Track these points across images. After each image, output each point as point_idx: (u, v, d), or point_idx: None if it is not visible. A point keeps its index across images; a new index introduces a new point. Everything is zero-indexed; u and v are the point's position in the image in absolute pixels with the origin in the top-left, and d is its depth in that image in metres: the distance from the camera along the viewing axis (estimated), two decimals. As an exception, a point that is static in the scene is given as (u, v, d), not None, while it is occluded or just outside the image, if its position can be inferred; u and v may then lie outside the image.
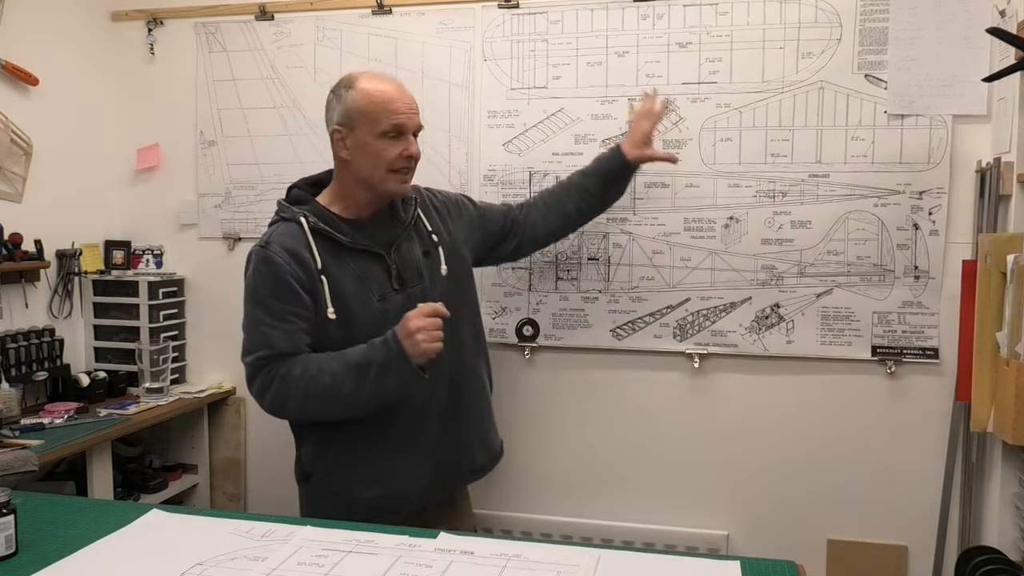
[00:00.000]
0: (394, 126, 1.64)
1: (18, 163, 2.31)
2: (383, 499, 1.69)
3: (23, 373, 2.29)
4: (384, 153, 1.64)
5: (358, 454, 1.69)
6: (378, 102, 1.64)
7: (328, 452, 1.70)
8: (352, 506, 1.62)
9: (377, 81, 1.68)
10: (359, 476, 1.69)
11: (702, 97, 2.20)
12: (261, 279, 1.63)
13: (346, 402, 1.59)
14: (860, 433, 2.18)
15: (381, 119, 1.63)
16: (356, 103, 1.64)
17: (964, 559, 1.93)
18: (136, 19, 2.61)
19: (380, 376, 1.57)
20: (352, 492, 1.68)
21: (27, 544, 1.22)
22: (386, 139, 1.64)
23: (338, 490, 1.69)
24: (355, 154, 1.66)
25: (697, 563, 1.22)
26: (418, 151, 1.70)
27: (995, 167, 1.96)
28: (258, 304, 1.62)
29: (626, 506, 2.33)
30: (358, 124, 1.64)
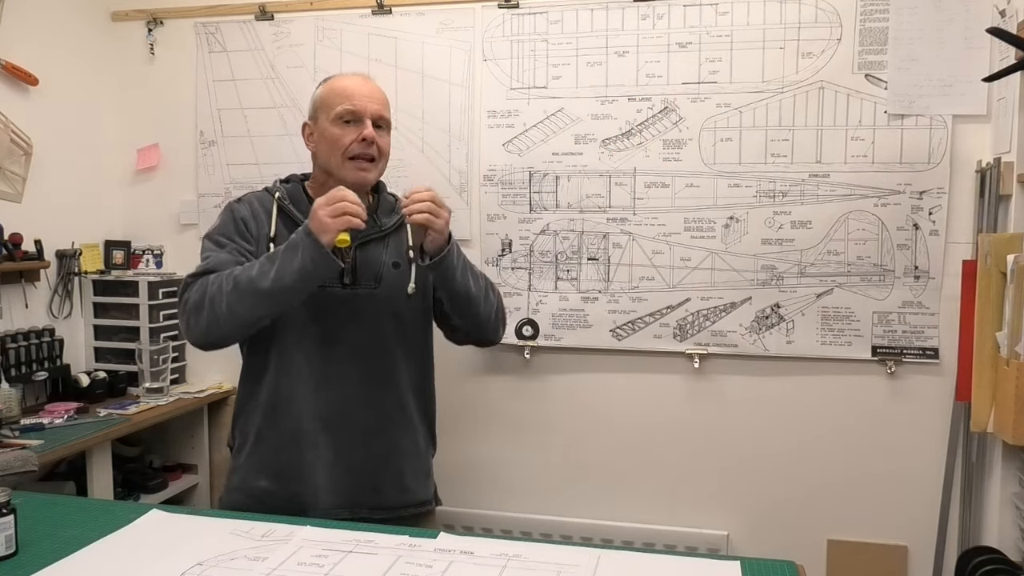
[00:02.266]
0: (347, 111, 1.62)
1: (18, 163, 2.31)
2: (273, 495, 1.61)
3: (23, 373, 2.29)
4: (339, 139, 1.61)
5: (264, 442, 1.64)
6: (335, 89, 1.66)
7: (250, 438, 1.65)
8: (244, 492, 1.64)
9: (342, 76, 1.71)
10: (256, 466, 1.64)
11: (702, 97, 2.20)
12: (220, 223, 1.66)
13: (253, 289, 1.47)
14: (860, 433, 2.18)
15: (335, 104, 1.63)
16: (319, 95, 1.68)
17: (964, 559, 1.93)
18: (136, 19, 2.61)
19: (288, 256, 1.48)
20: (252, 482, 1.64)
21: (27, 544, 1.22)
22: (340, 124, 1.62)
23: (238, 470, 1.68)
24: (319, 144, 1.67)
25: (697, 563, 1.21)
26: (372, 134, 1.62)
27: (995, 167, 1.96)
28: (211, 239, 1.63)
29: (626, 506, 2.33)
30: (319, 114, 1.66)
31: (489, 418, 2.41)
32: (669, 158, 2.22)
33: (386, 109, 1.69)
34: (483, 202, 2.36)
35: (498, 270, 2.35)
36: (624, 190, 2.26)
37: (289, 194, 1.68)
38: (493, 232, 2.36)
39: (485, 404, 2.41)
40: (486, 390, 2.40)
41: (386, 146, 1.68)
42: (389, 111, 1.70)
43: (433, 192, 1.55)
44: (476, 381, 2.38)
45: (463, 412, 2.41)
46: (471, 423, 2.42)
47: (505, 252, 2.35)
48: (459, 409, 2.39)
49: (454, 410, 2.39)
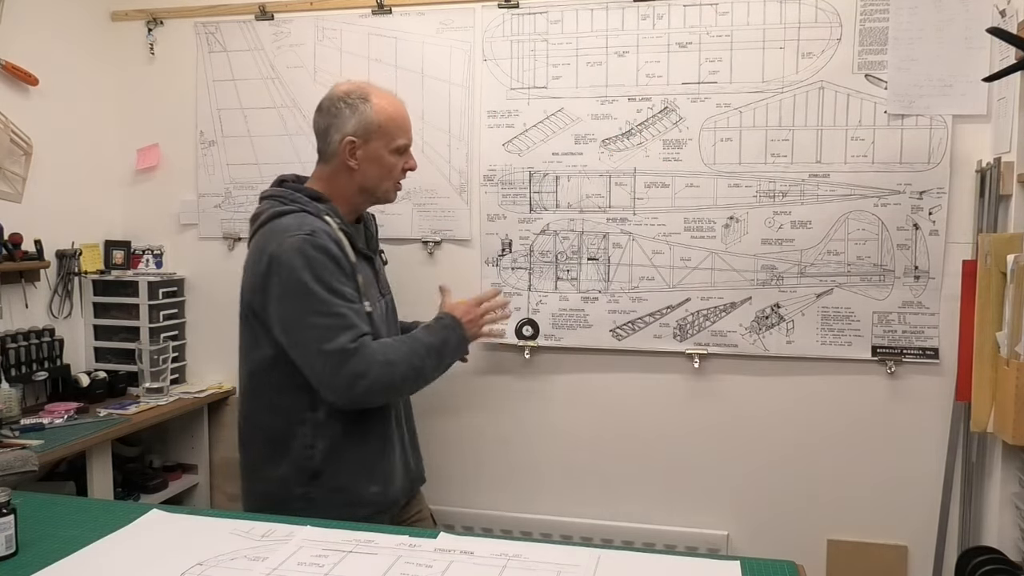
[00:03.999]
0: (405, 146, 1.79)
1: (18, 163, 2.31)
2: (381, 495, 1.74)
3: (23, 373, 2.29)
4: (395, 167, 1.78)
5: (362, 453, 1.72)
6: (394, 119, 1.76)
7: (338, 451, 1.69)
8: (356, 504, 1.67)
9: (390, 98, 1.79)
10: (363, 474, 1.72)
11: (702, 97, 2.20)
12: (322, 264, 1.61)
13: (422, 381, 1.74)
14: (860, 433, 2.18)
15: (396, 136, 1.76)
16: (372, 118, 1.73)
17: (964, 559, 1.93)
18: (136, 19, 2.61)
19: (450, 356, 1.78)
20: (357, 489, 1.71)
21: (27, 544, 1.22)
22: (396, 154, 1.77)
23: (345, 487, 1.70)
24: (364, 164, 1.74)
25: (697, 563, 1.21)
26: (416, 164, 1.85)
27: (995, 167, 1.96)
28: (327, 288, 1.60)
29: (626, 506, 2.33)
30: (374, 137, 1.73)
31: (489, 418, 2.41)
32: (669, 158, 2.22)
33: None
34: (483, 202, 2.36)
35: (498, 270, 2.35)
36: (624, 190, 2.26)
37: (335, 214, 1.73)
38: (493, 232, 2.36)
39: (485, 404, 2.41)
40: (486, 390, 2.40)
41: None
42: None
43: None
44: (476, 381, 2.38)
45: (463, 412, 2.41)
46: (471, 423, 2.42)
47: (505, 252, 2.35)
48: (459, 409, 2.39)
49: (454, 410, 2.39)
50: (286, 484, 1.69)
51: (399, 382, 1.66)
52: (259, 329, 1.68)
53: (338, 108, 1.73)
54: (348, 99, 1.73)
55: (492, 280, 2.35)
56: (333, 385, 1.60)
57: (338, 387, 1.60)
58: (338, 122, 1.73)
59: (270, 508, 1.63)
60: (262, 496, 1.73)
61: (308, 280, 1.58)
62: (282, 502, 1.65)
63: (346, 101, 1.73)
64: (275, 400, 1.69)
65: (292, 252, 1.60)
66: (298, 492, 1.68)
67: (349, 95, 1.74)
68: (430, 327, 1.77)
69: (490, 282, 2.35)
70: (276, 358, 1.67)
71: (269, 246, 1.63)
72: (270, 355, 1.67)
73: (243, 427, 1.78)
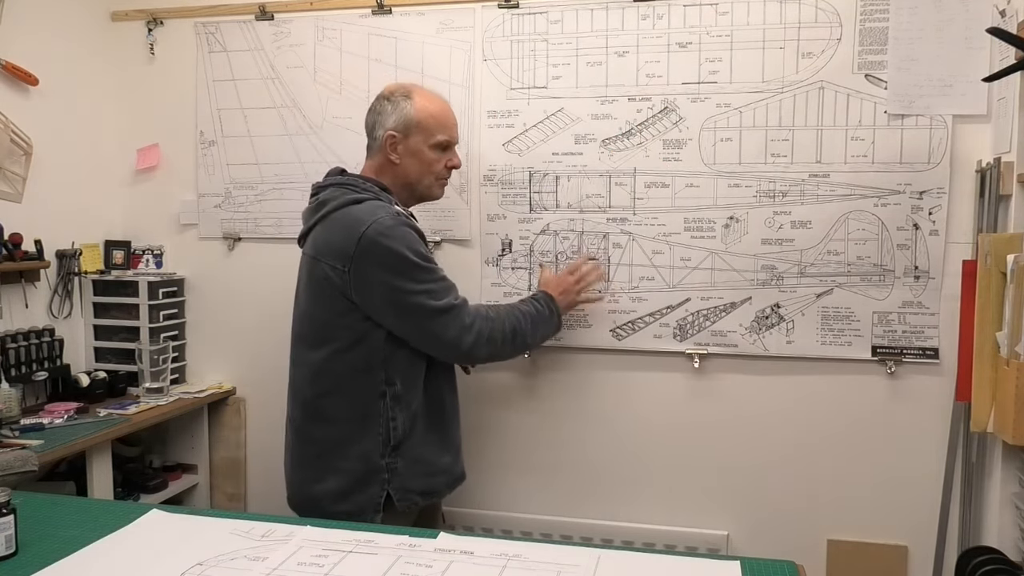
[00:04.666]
0: (446, 141, 1.87)
1: (18, 163, 2.31)
2: (452, 465, 1.90)
3: (23, 373, 2.29)
4: (435, 163, 1.86)
5: (434, 423, 1.85)
6: (435, 115, 1.84)
7: (419, 424, 1.80)
8: (434, 472, 1.83)
9: (433, 97, 1.89)
10: (436, 443, 1.85)
11: (702, 97, 2.20)
12: (415, 240, 1.74)
13: (522, 344, 1.92)
14: (860, 433, 2.18)
15: (436, 131, 1.84)
16: (415, 113, 1.82)
17: (964, 559, 1.93)
18: (136, 19, 2.61)
19: (545, 326, 1.98)
20: (436, 459, 1.84)
21: (27, 544, 1.22)
22: (437, 150, 1.85)
23: (427, 458, 1.82)
24: (405, 159, 1.83)
25: (697, 563, 1.22)
26: (460, 162, 1.94)
27: (995, 167, 1.96)
28: (425, 259, 1.74)
29: (626, 506, 2.33)
30: (413, 132, 1.82)
31: (489, 418, 2.41)
32: (669, 158, 2.22)
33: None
34: (483, 202, 2.36)
35: (498, 270, 2.35)
36: (624, 190, 2.26)
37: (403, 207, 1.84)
38: (493, 232, 2.36)
39: (485, 404, 2.41)
40: (486, 390, 2.40)
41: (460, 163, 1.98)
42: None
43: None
44: (476, 381, 2.38)
45: (463, 412, 2.39)
46: (471, 423, 2.41)
47: (505, 252, 2.35)
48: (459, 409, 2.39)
49: (454, 410, 2.38)
50: (369, 458, 1.76)
51: (499, 338, 1.82)
52: (342, 312, 1.73)
53: (382, 105, 1.85)
54: (392, 97, 1.85)
55: (492, 280, 2.35)
56: (443, 341, 1.75)
57: (448, 342, 1.75)
58: (382, 118, 1.84)
59: (355, 484, 1.75)
60: (341, 477, 1.76)
61: (408, 254, 1.69)
62: (361, 481, 1.75)
63: (390, 99, 1.85)
64: (357, 379, 1.75)
65: (388, 231, 1.68)
66: (382, 464, 1.76)
67: (393, 93, 1.85)
68: (525, 300, 1.98)
69: (490, 282, 2.35)
70: (360, 338, 1.74)
71: (357, 229, 1.68)
72: (354, 336, 1.74)
73: (313, 412, 1.81)
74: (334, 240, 1.72)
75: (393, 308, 1.71)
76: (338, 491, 1.76)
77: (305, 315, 1.82)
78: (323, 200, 1.78)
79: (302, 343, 1.82)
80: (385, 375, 1.75)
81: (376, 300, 1.71)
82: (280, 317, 2.52)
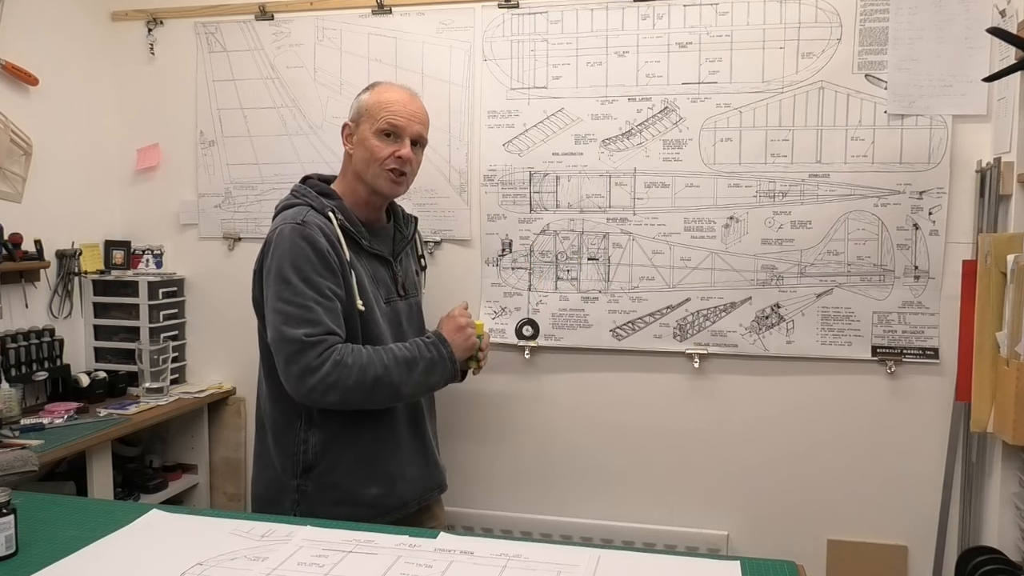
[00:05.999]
0: (390, 124, 1.74)
1: (18, 163, 2.31)
2: (384, 498, 1.72)
3: (23, 373, 2.29)
4: (377, 151, 1.74)
5: (362, 452, 1.71)
6: (381, 102, 1.76)
7: (334, 447, 1.69)
8: (351, 503, 1.67)
9: (391, 88, 1.82)
10: (362, 473, 1.70)
11: (702, 97, 2.20)
12: (303, 254, 1.61)
13: (391, 394, 1.65)
14: (860, 433, 2.18)
15: (379, 117, 1.74)
16: (365, 102, 1.78)
17: (964, 559, 1.93)
18: (136, 19, 2.61)
19: (427, 372, 1.69)
20: (353, 489, 1.70)
21: (27, 544, 1.22)
22: (381, 137, 1.74)
23: (340, 485, 1.69)
24: (356, 149, 1.77)
25: (697, 563, 1.22)
26: (409, 155, 1.76)
27: (995, 167, 1.96)
28: (301, 278, 1.60)
29: (626, 506, 2.33)
30: (363, 120, 1.76)
31: (489, 418, 2.41)
32: (669, 158, 2.22)
33: (426, 129, 1.83)
34: (483, 202, 2.36)
35: (498, 270, 2.35)
36: (624, 190, 2.26)
37: (340, 211, 1.72)
38: (493, 232, 2.36)
39: (485, 404, 2.41)
40: (486, 390, 2.40)
41: (418, 163, 1.83)
42: (427, 129, 1.83)
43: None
44: (476, 381, 2.37)
45: (463, 412, 2.41)
46: (471, 423, 2.42)
47: (505, 252, 2.35)
48: (459, 409, 2.39)
49: (454, 410, 2.38)
50: (282, 475, 1.71)
51: (354, 386, 1.59)
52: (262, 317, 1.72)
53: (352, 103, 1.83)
54: (360, 92, 1.83)
55: (492, 280, 2.36)
56: (287, 375, 1.60)
57: (290, 378, 1.59)
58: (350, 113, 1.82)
59: (268, 498, 1.69)
60: (265, 484, 1.75)
61: (285, 266, 1.61)
62: (278, 493, 1.70)
63: (357, 95, 1.83)
64: (277, 389, 1.69)
65: (280, 239, 1.64)
66: (292, 484, 1.70)
67: (362, 89, 1.84)
68: (411, 341, 1.73)
69: (490, 282, 2.35)
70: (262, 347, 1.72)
71: (269, 235, 1.69)
72: (262, 344, 1.72)
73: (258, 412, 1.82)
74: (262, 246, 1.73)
75: (266, 318, 1.65)
76: (262, 497, 1.76)
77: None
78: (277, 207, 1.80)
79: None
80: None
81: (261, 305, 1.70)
82: (280, 317, 2.53)
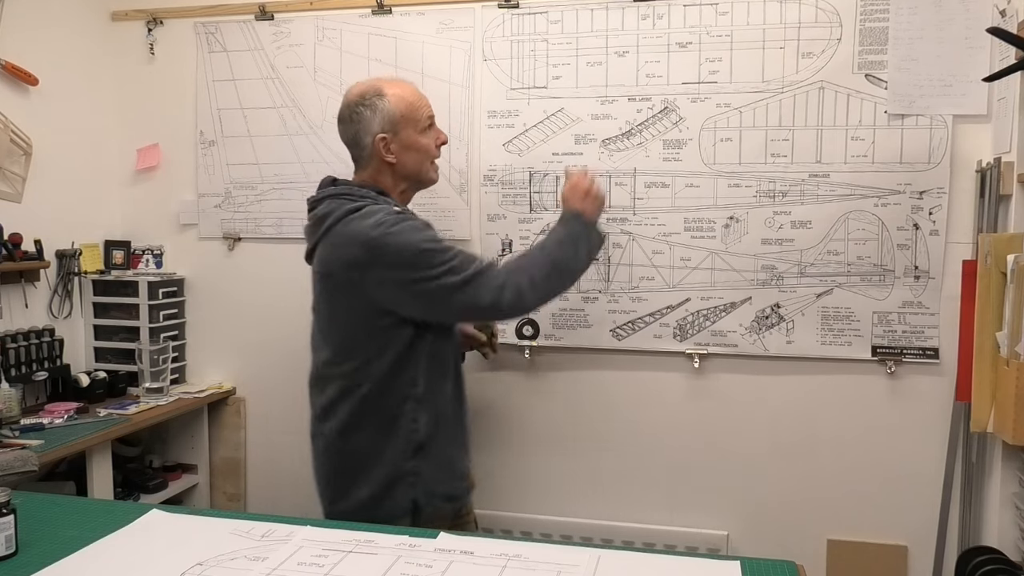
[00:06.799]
0: (430, 118, 1.81)
1: (18, 163, 2.31)
2: (469, 467, 1.87)
3: (23, 373, 2.29)
4: (429, 147, 1.81)
5: (456, 425, 1.83)
6: (412, 102, 1.79)
7: (441, 425, 1.78)
8: (457, 476, 1.81)
9: (400, 83, 1.83)
10: (459, 445, 1.83)
11: (702, 97, 2.20)
12: (421, 231, 1.70)
13: (568, 272, 1.78)
14: (860, 433, 2.18)
15: (419, 117, 1.79)
16: (392, 109, 1.76)
17: (964, 559, 1.93)
18: (136, 19, 2.61)
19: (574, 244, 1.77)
20: (458, 462, 1.82)
21: (27, 544, 1.22)
22: (426, 133, 1.80)
23: (450, 459, 1.80)
24: (401, 155, 1.77)
25: (697, 563, 1.21)
26: (447, 137, 1.87)
27: (995, 167, 1.96)
28: (433, 240, 1.70)
29: (626, 506, 2.33)
30: (403, 127, 1.76)
31: (489, 418, 2.41)
32: (669, 158, 2.22)
33: None
34: (483, 202, 2.36)
35: (498, 270, 2.35)
36: (624, 190, 2.26)
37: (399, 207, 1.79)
38: (493, 232, 2.36)
39: (485, 404, 2.41)
40: (486, 390, 2.40)
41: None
42: None
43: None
44: (476, 381, 2.38)
45: (463, 412, 2.41)
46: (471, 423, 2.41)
47: (505, 252, 2.35)
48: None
49: (454, 410, 2.38)
50: (395, 462, 1.75)
51: (540, 279, 1.73)
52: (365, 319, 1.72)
53: (359, 113, 1.77)
54: (365, 101, 1.77)
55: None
56: (484, 305, 1.69)
57: (488, 306, 1.69)
58: (363, 126, 1.77)
59: (384, 490, 1.74)
60: (373, 484, 1.76)
61: (417, 244, 1.67)
62: (391, 486, 1.74)
63: (363, 104, 1.77)
64: (383, 385, 1.74)
65: (392, 231, 1.66)
66: (407, 467, 1.74)
67: (364, 97, 1.77)
68: (551, 230, 1.84)
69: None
70: (386, 344, 1.72)
71: (362, 236, 1.66)
72: (378, 344, 1.72)
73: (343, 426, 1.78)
74: (343, 252, 1.69)
75: (422, 300, 1.69)
76: (369, 499, 1.75)
77: (326, 331, 1.79)
78: (321, 215, 1.75)
79: (326, 359, 1.79)
80: (408, 377, 1.74)
81: (403, 297, 1.69)
82: (280, 317, 2.54)
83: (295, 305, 2.53)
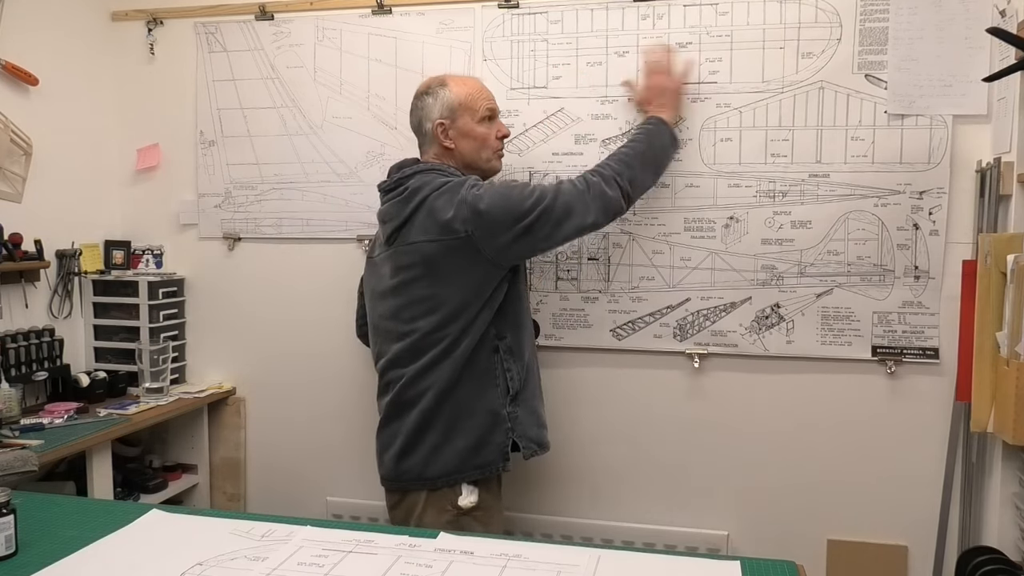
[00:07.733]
0: (490, 110, 1.93)
1: (18, 163, 2.31)
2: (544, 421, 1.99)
3: (23, 373, 2.29)
4: (488, 137, 1.93)
5: (537, 381, 1.98)
6: (472, 92, 1.92)
7: (528, 375, 1.92)
8: (541, 424, 1.95)
9: (466, 78, 1.99)
10: (539, 399, 1.97)
11: (702, 97, 2.20)
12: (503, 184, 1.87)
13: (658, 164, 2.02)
14: (860, 433, 2.18)
15: (478, 105, 1.91)
16: (453, 97, 1.90)
17: (964, 559, 1.93)
18: (136, 19, 2.61)
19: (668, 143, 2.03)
20: (540, 411, 1.96)
21: (27, 544, 1.22)
22: (485, 123, 1.92)
23: (535, 408, 1.94)
24: (459, 141, 1.91)
25: (697, 563, 1.22)
26: (509, 131, 2.02)
27: (995, 167, 1.96)
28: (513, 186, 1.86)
29: (626, 506, 2.33)
30: (459, 114, 1.89)
31: (489, 418, 2.41)
32: (669, 158, 2.22)
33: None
34: (483, 202, 2.36)
35: (498, 270, 2.35)
36: (624, 190, 2.26)
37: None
38: (493, 232, 2.35)
39: (485, 404, 2.40)
40: (486, 390, 2.39)
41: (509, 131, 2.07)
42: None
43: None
44: (476, 381, 2.38)
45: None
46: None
47: (505, 252, 2.35)
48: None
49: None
50: (493, 409, 1.86)
51: (639, 171, 1.92)
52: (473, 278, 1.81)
53: (423, 102, 1.92)
54: (429, 90, 1.92)
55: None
56: (591, 211, 1.82)
57: (596, 208, 1.83)
58: (425, 112, 1.91)
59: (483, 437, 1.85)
60: (471, 432, 1.85)
61: (502, 189, 1.81)
62: (490, 431, 1.85)
63: (428, 92, 1.92)
64: (476, 342, 1.84)
65: (480, 189, 1.79)
66: (505, 413, 1.87)
67: (430, 87, 1.93)
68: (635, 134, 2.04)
69: (490, 282, 2.35)
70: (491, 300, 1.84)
71: (460, 197, 1.77)
72: (485, 300, 1.83)
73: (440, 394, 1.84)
74: (444, 217, 1.77)
75: (524, 239, 1.79)
76: (466, 449, 1.84)
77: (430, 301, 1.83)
78: (415, 188, 1.82)
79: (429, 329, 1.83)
80: (496, 331, 1.86)
81: (512, 244, 1.79)
82: (280, 317, 2.54)
83: (295, 305, 2.54)
